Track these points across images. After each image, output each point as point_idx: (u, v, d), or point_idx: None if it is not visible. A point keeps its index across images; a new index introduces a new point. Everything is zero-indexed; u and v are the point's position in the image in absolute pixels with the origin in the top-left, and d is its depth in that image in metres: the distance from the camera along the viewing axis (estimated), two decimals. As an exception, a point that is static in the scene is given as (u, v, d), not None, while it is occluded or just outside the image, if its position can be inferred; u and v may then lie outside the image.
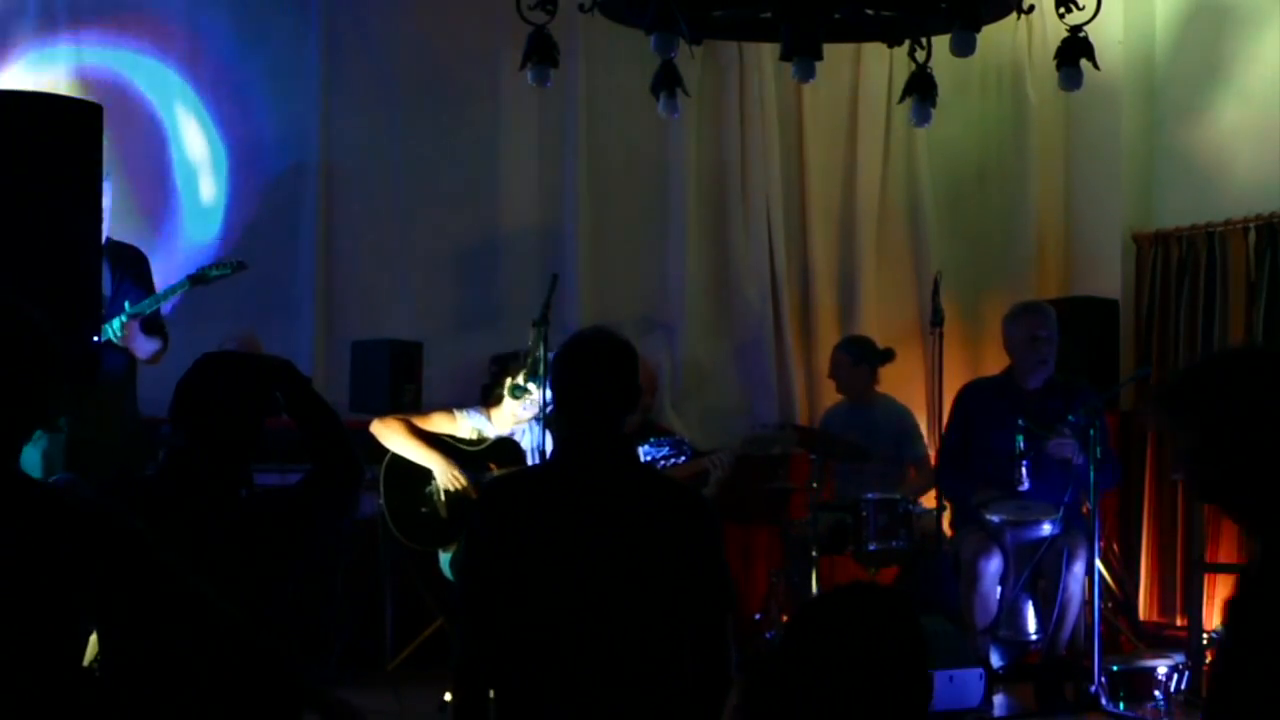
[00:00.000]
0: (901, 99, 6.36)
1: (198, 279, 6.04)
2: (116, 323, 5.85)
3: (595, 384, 3.30)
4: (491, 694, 3.29)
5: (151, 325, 6.01)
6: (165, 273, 6.43)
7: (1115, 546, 8.04)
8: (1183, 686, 6.34)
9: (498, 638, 3.21)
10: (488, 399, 6.39)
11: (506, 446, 6.10)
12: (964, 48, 5.78)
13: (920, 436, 7.56)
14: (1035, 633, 6.40)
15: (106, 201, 5.84)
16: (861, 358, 7.47)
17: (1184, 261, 8.08)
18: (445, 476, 5.97)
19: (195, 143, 7.41)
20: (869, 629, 2.33)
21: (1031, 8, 6.02)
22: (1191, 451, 2.52)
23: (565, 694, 3.15)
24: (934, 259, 8.28)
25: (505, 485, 3.62)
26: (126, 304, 5.89)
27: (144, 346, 6.01)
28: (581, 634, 3.16)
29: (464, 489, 5.99)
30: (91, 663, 4.06)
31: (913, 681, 2.34)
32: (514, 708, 3.20)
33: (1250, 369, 2.53)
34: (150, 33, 7.32)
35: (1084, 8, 5.90)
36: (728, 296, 8.22)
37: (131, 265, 6.11)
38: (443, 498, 6.00)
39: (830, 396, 8.12)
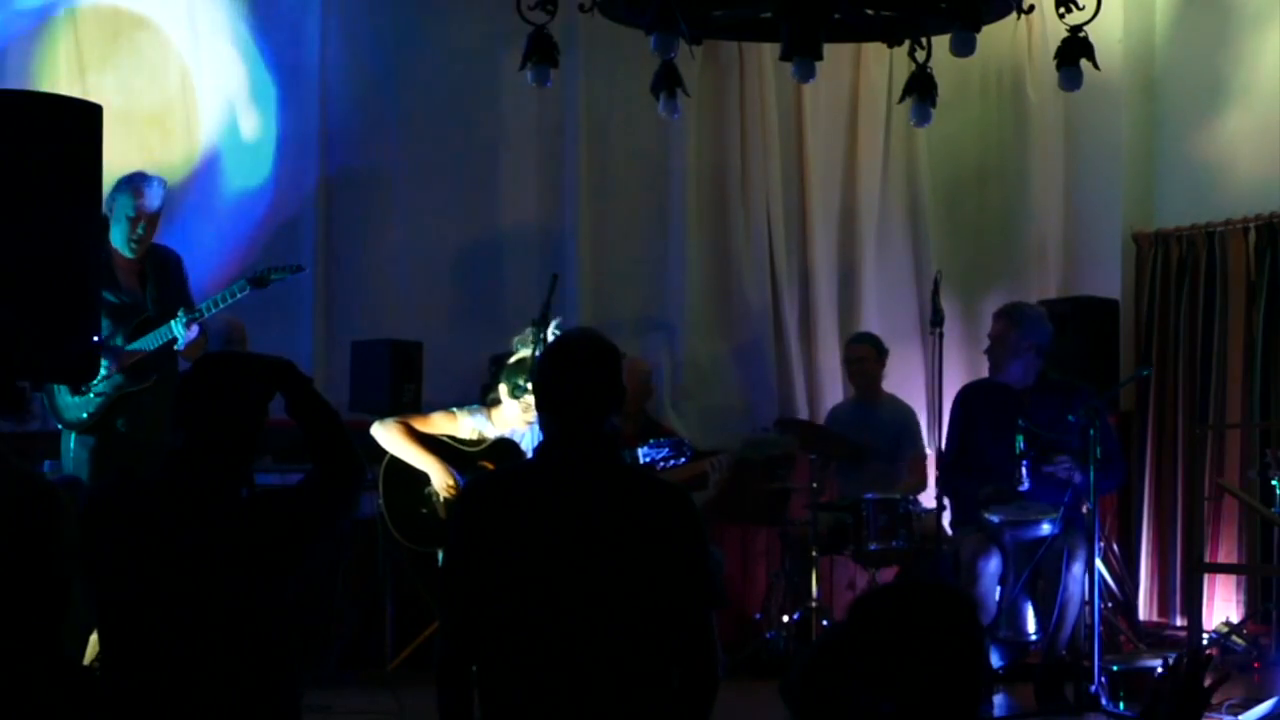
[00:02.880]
0: (901, 99, 6.35)
1: (257, 281, 5.99)
2: (180, 325, 5.83)
3: (576, 384, 3.31)
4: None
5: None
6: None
7: (1115, 546, 8.04)
8: (1183, 686, 6.32)
9: (479, 635, 3.22)
10: (487, 399, 6.38)
11: (505, 447, 6.09)
12: (964, 48, 5.78)
13: (920, 436, 7.59)
14: (1035, 633, 6.40)
15: (156, 203, 5.87)
16: (883, 351, 7.56)
17: (1184, 261, 8.08)
18: (441, 484, 5.96)
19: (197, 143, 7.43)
20: (931, 625, 2.35)
21: (1031, 8, 6.02)
22: None
23: (547, 691, 3.16)
24: (934, 259, 8.28)
25: (486, 483, 3.66)
26: (188, 307, 5.89)
27: (191, 338, 5.99)
28: (562, 631, 3.17)
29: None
30: (91, 663, 4.07)
31: (968, 682, 2.36)
32: (497, 705, 3.21)
33: None
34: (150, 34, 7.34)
35: (1084, 8, 5.90)
36: (728, 296, 8.21)
37: (175, 269, 6.13)
38: (441, 499, 5.99)
39: (830, 396, 8.13)
